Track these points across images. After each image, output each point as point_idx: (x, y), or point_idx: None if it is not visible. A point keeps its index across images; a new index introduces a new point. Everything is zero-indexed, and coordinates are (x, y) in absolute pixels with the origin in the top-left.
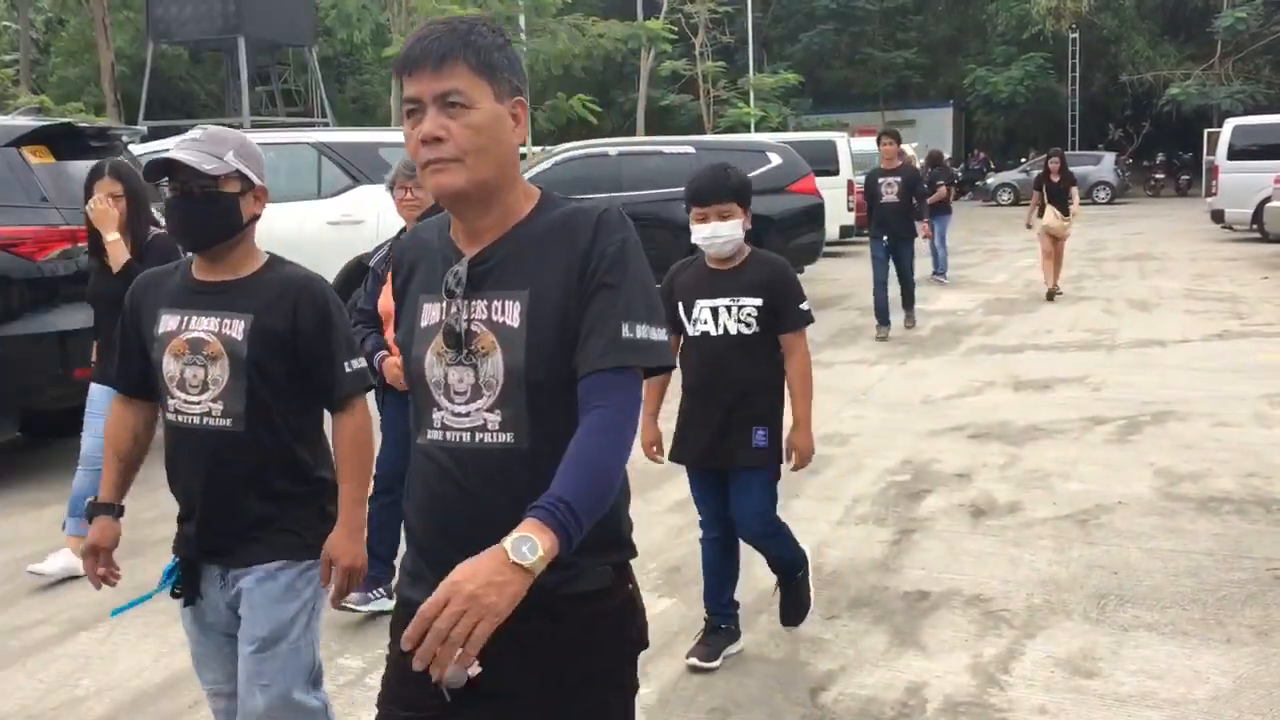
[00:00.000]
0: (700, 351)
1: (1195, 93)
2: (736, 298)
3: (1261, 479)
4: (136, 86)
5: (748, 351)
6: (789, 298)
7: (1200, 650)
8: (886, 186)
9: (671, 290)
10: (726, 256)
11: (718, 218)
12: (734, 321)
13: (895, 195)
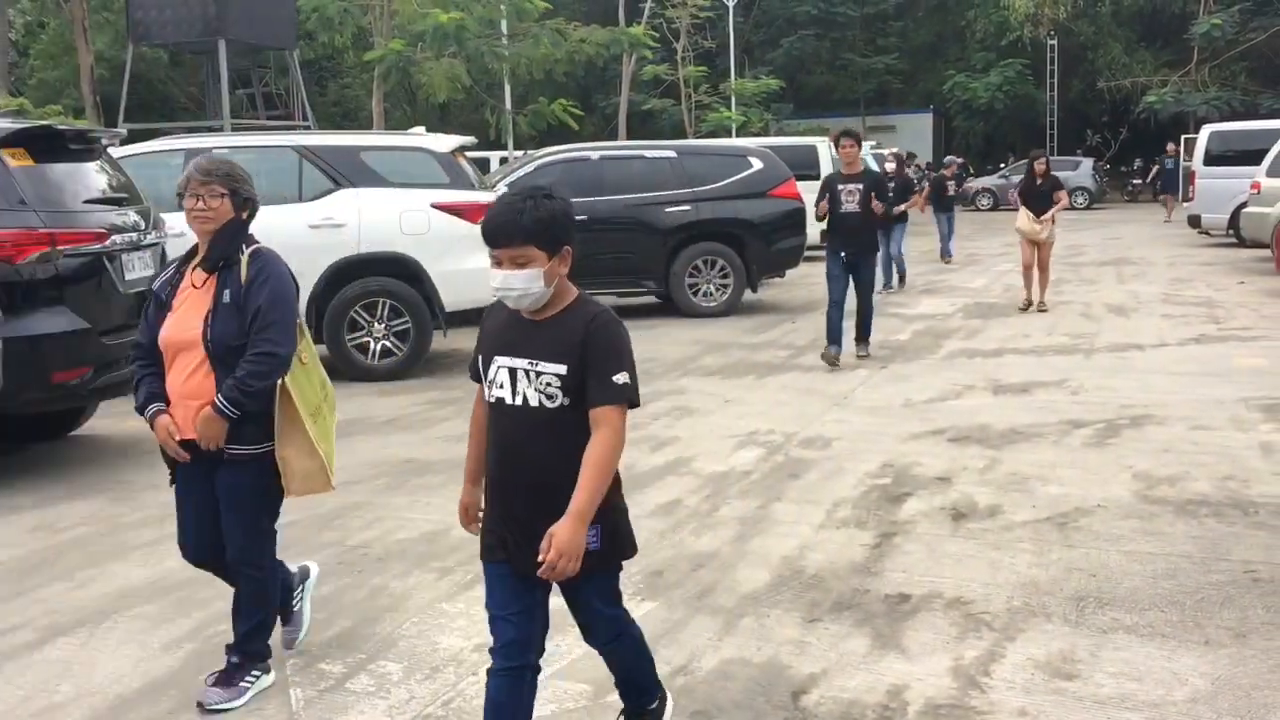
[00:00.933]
0: (498, 426)
1: (1172, 99)
2: (535, 360)
3: (1238, 482)
4: (116, 89)
5: (555, 433)
6: (603, 366)
7: (1179, 652)
8: (847, 194)
9: (480, 335)
10: (530, 308)
11: (510, 264)
12: (534, 390)
13: (856, 204)
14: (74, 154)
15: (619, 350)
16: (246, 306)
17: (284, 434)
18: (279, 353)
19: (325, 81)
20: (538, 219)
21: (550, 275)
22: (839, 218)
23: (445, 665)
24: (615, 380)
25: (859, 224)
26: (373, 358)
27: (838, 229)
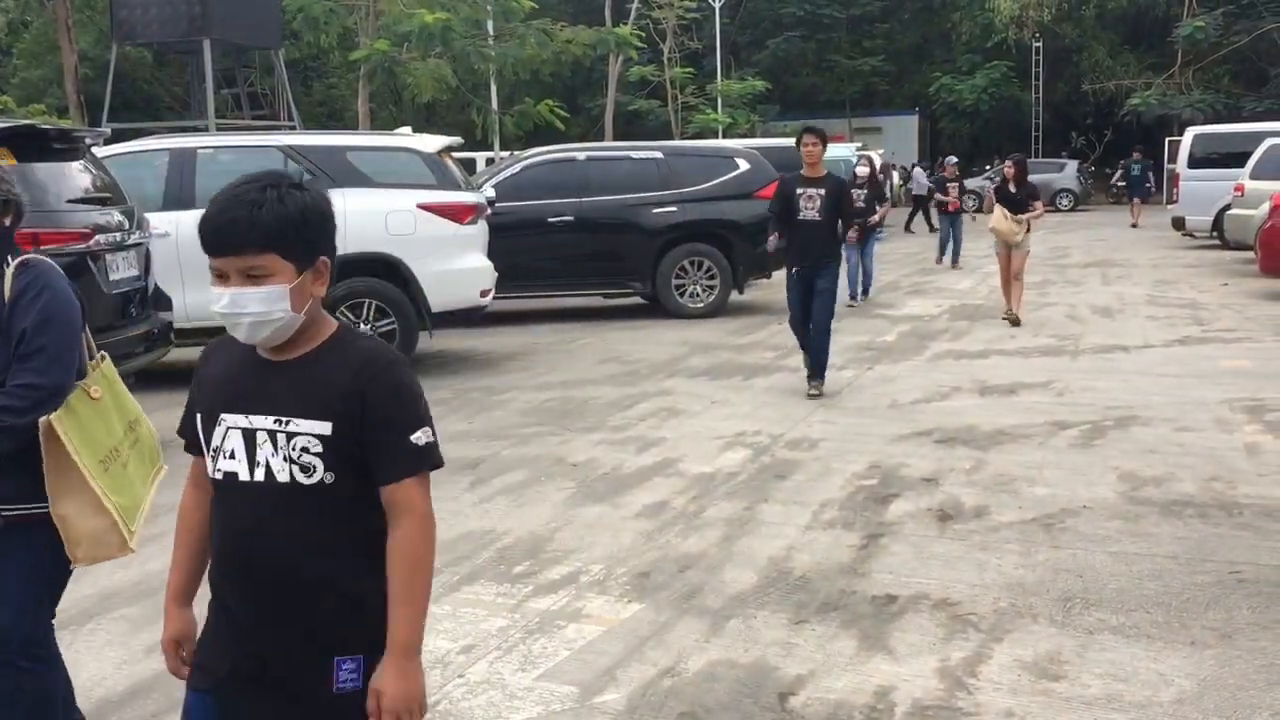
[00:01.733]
0: (228, 512)
1: (1156, 102)
2: (284, 417)
3: (1223, 483)
4: (100, 88)
5: (315, 521)
6: (392, 425)
7: (1165, 653)
8: (806, 200)
9: (196, 384)
10: (272, 342)
11: (241, 279)
12: (281, 460)
13: (817, 211)
14: (58, 153)
15: (411, 399)
16: (11, 329)
17: (57, 487)
18: (42, 384)
19: (310, 81)
20: (282, 216)
21: (300, 295)
22: (796, 227)
23: (431, 667)
24: (413, 442)
25: (819, 235)
26: None
27: (794, 239)
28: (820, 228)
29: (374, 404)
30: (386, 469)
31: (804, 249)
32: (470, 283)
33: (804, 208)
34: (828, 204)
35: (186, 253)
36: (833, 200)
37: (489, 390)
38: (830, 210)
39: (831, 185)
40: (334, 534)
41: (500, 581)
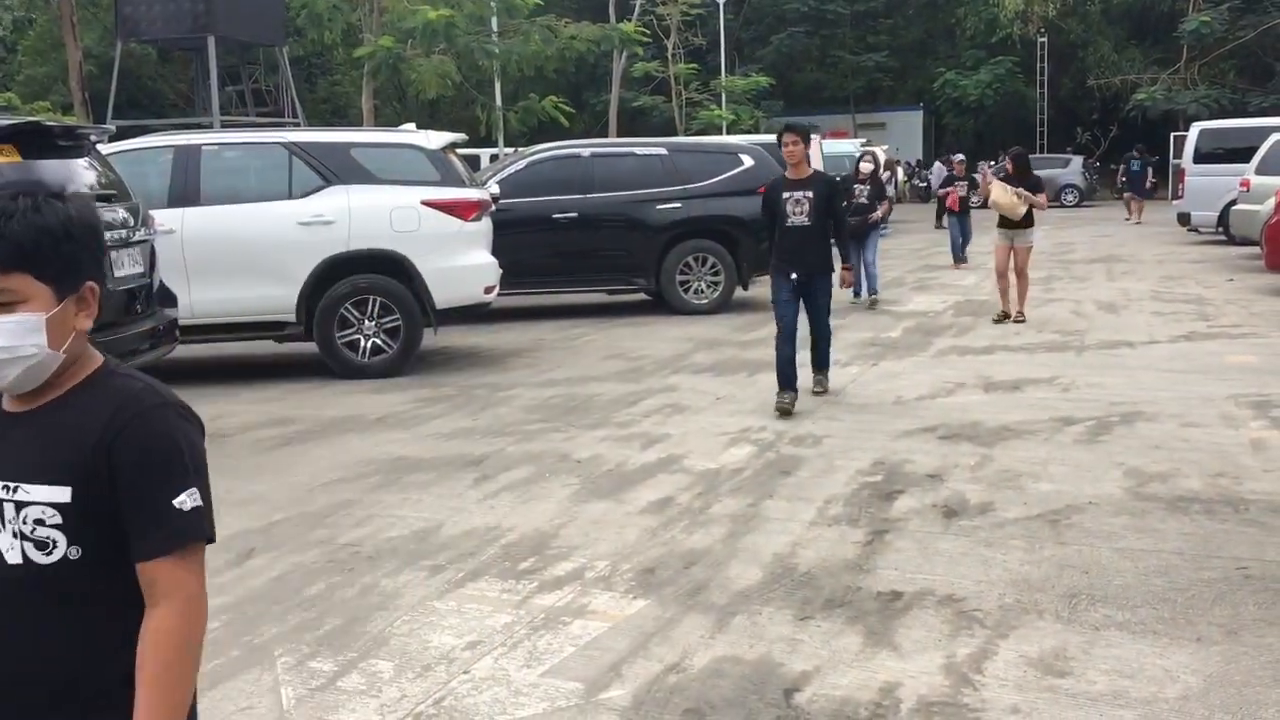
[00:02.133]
0: None
1: (1161, 97)
2: (13, 481)
3: (1229, 479)
4: (105, 85)
5: (56, 612)
6: (149, 487)
7: (1171, 649)
8: (794, 204)
9: None
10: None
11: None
12: (10, 535)
13: (807, 215)
14: (62, 150)
15: (169, 454)
16: None
17: None
18: None
19: (315, 78)
20: (38, 228)
21: (61, 328)
22: (786, 233)
23: (437, 663)
24: (176, 507)
25: (811, 239)
26: (363, 355)
27: (784, 245)
28: (811, 233)
29: (123, 462)
30: (139, 542)
31: (796, 256)
32: (475, 279)
33: (792, 212)
34: (818, 206)
35: (191, 249)
36: (823, 202)
37: (493, 387)
38: (821, 213)
39: (820, 186)
40: (83, 628)
41: (505, 578)
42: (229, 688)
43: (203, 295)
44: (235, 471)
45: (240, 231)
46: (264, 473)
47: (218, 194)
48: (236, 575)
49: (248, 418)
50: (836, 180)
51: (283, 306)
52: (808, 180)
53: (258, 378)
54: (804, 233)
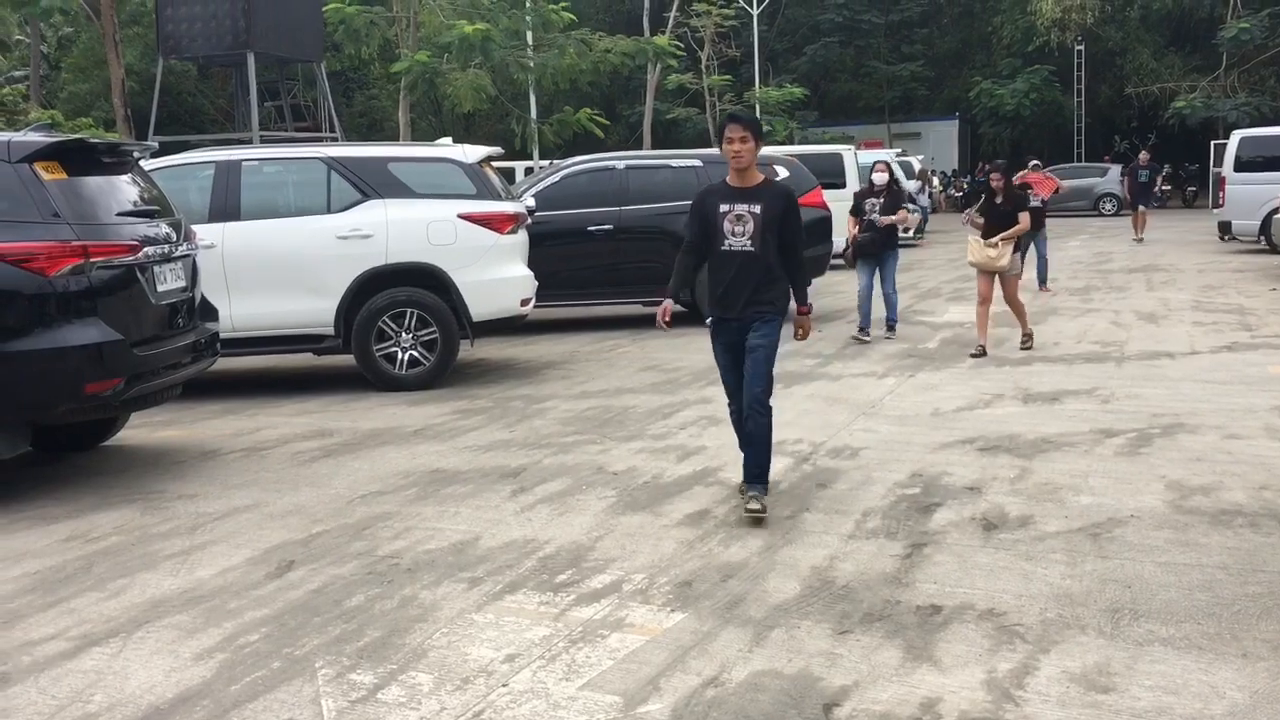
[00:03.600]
0: None
1: (1201, 105)
2: None
3: (1273, 492)
4: (146, 101)
5: None
6: None
7: (1216, 665)
8: (733, 221)
9: None
10: None
11: None
12: None
13: (749, 237)
14: (106, 167)
15: None
16: None
17: None
18: None
19: (352, 93)
20: None
21: None
22: (721, 260)
23: (475, 676)
24: None
25: (752, 272)
26: (400, 368)
27: (716, 278)
28: (754, 262)
29: None
30: None
31: (729, 293)
32: (511, 292)
33: (730, 232)
34: (766, 226)
35: (232, 264)
36: (773, 221)
37: (529, 399)
38: (770, 234)
39: (773, 199)
40: None
41: (543, 590)
42: (270, 699)
43: (243, 309)
44: (275, 484)
45: (280, 246)
46: (303, 485)
47: (258, 209)
48: (277, 587)
49: (287, 430)
50: (791, 192)
51: (321, 319)
52: (756, 190)
53: (296, 390)
54: (744, 261)
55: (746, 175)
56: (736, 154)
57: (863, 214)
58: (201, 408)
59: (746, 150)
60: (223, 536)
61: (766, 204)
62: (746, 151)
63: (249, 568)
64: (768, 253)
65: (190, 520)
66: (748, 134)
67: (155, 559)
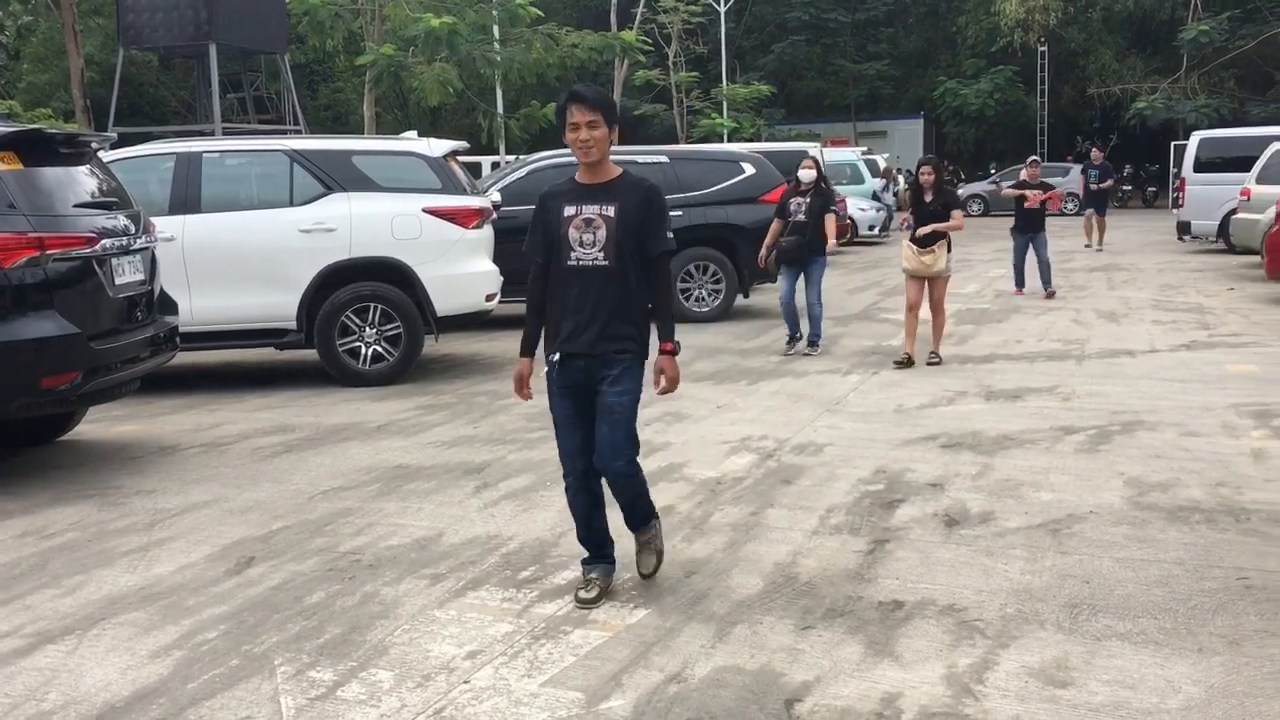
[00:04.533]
0: None
1: (1161, 106)
2: None
3: (1230, 489)
4: (106, 92)
5: None
6: None
7: (1172, 660)
8: (579, 228)
9: None
10: None
11: None
12: None
13: (600, 248)
14: (64, 158)
15: None
16: None
17: None
18: None
19: (316, 85)
20: None
21: None
22: (566, 278)
23: (437, 673)
24: None
25: (607, 292)
26: (364, 363)
27: (562, 302)
28: (608, 280)
29: None
30: None
31: (575, 321)
32: (476, 287)
33: (577, 242)
34: (623, 232)
35: (192, 257)
36: (631, 226)
37: (494, 395)
38: (629, 244)
39: (631, 199)
40: None
41: (506, 587)
42: (228, 697)
43: (203, 302)
44: (235, 479)
45: (241, 239)
46: (264, 480)
47: (219, 201)
48: (236, 584)
49: (248, 425)
50: (655, 188)
51: (283, 314)
52: (609, 188)
53: (258, 386)
54: (595, 280)
55: (598, 170)
56: (583, 143)
57: (787, 215)
58: (161, 402)
59: (596, 139)
60: (181, 533)
61: (623, 205)
62: (596, 140)
63: (208, 564)
64: (626, 268)
65: (148, 516)
66: (597, 117)
67: (112, 555)
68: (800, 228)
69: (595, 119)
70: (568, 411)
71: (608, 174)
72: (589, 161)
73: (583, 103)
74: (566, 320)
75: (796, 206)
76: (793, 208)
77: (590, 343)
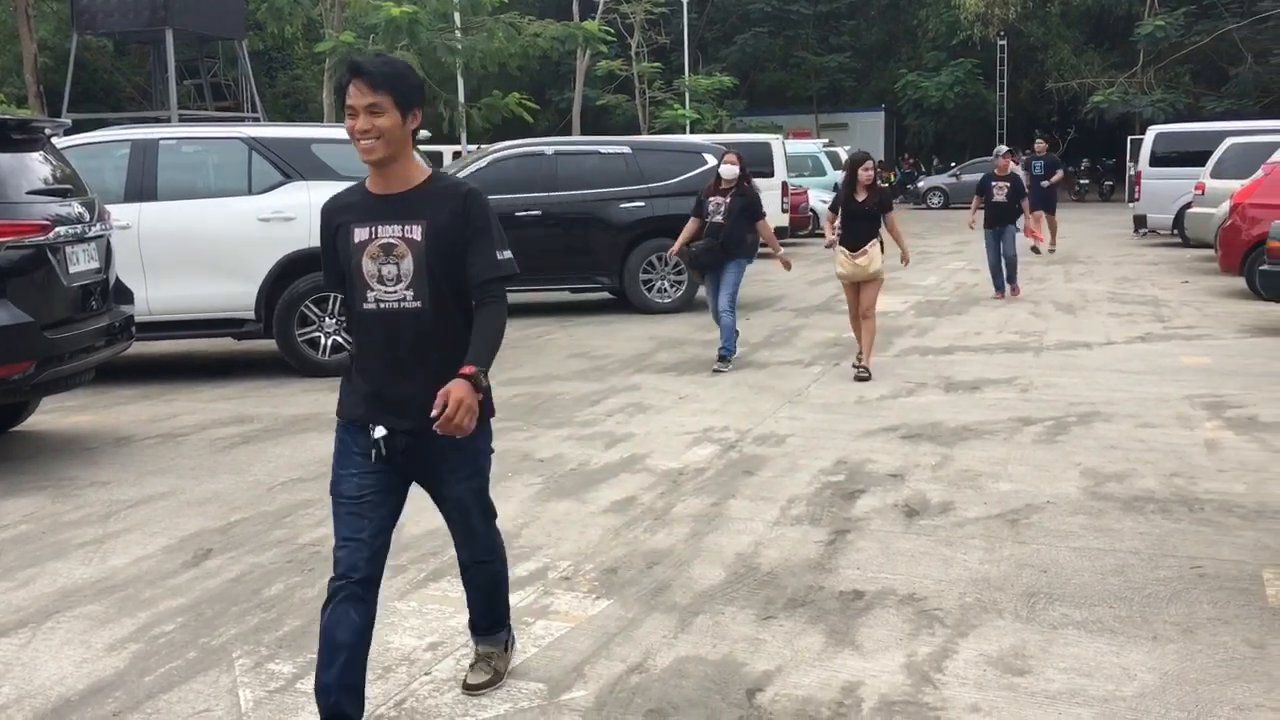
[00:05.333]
0: None
1: (1118, 100)
2: None
3: (1184, 479)
4: (60, 78)
5: None
6: None
7: (1128, 647)
8: (378, 256)
9: None
10: None
11: None
12: None
13: (408, 286)
14: (16, 144)
15: None
16: None
17: None
18: None
19: (275, 73)
20: None
21: None
22: (365, 324)
23: (397, 665)
24: None
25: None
26: (323, 353)
27: (365, 354)
28: (423, 327)
29: None
30: None
31: (384, 382)
32: None
33: (374, 277)
34: (432, 258)
35: (148, 245)
36: (442, 246)
37: None
38: (443, 274)
39: (441, 210)
40: None
41: None
42: (186, 690)
43: (160, 292)
44: (192, 471)
45: (198, 227)
46: (222, 472)
47: (175, 189)
48: (193, 576)
49: (205, 416)
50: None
51: (242, 303)
52: (413, 199)
53: (216, 376)
54: (405, 328)
55: (392, 173)
56: (362, 135)
57: (705, 215)
58: (116, 393)
59: (382, 129)
60: (137, 524)
61: (433, 221)
62: (382, 131)
63: (164, 556)
64: (447, 306)
65: (103, 508)
66: (382, 99)
67: (66, 547)
68: (715, 230)
69: (378, 102)
70: (360, 488)
71: (408, 179)
72: (373, 161)
73: (361, 78)
74: (369, 380)
75: (715, 206)
76: (711, 207)
77: (396, 404)
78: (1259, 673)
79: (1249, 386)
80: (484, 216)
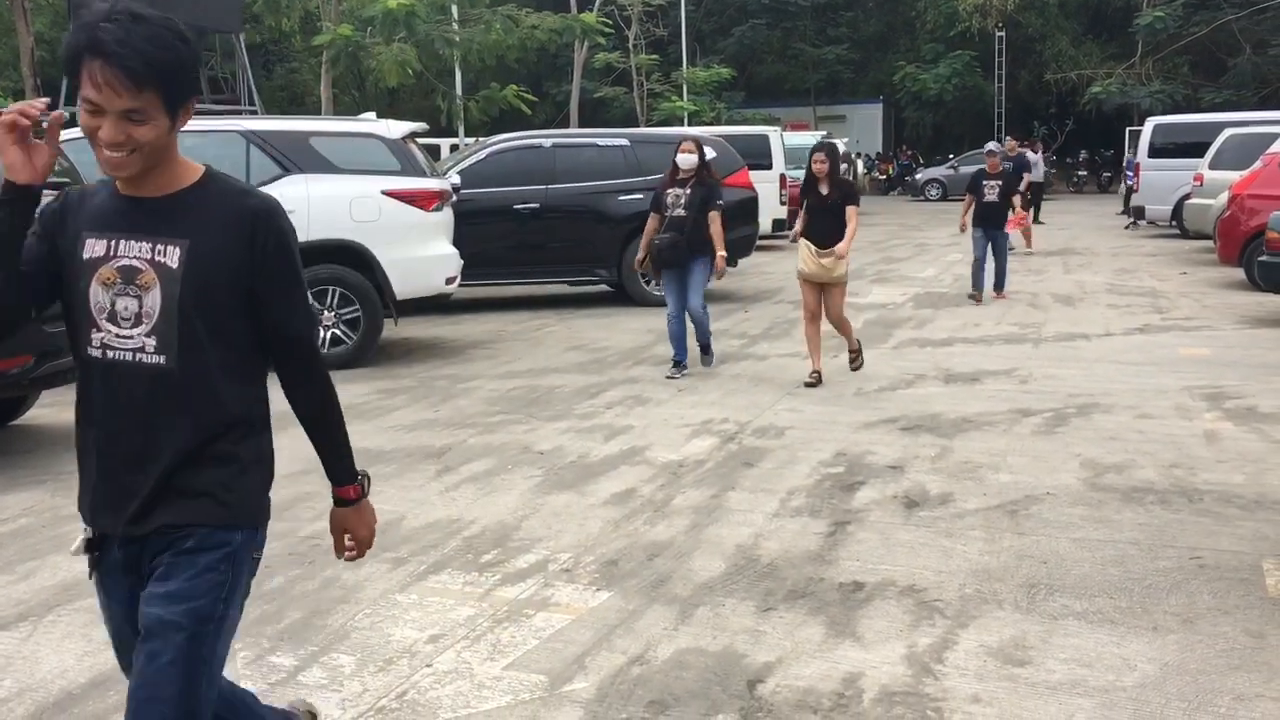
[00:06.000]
0: None
1: (1116, 91)
2: None
3: (1184, 470)
4: (57, 72)
5: None
6: None
7: (1128, 638)
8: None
9: None
10: None
11: None
12: None
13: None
14: None
15: None
16: None
17: None
18: None
19: (272, 66)
20: None
21: None
22: (93, 379)
23: (399, 657)
24: None
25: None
26: (323, 346)
27: (87, 424)
28: (168, 391)
29: None
30: None
31: (105, 469)
32: (435, 270)
33: (103, 314)
34: (198, 295)
35: None
36: (218, 283)
37: (454, 378)
38: (210, 317)
39: (214, 225)
40: None
41: (468, 570)
42: None
43: None
44: None
45: None
46: None
47: None
48: None
49: None
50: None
51: None
52: (173, 205)
53: None
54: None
55: (148, 177)
56: (112, 146)
57: (664, 209)
58: None
59: (146, 141)
60: None
61: (200, 241)
62: (141, 144)
63: None
64: (200, 367)
65: None
66: (147, 102)
67: (66, 541)
68: (678, 223)
69: (140, 108)
70: (120, 617)
71: (173, 179)
72: (119, 167)
73: (115, 66)
74: (91, 468)
75: (674, 199)
76: (669, 200)
77: (136, 513)
78: (1259, 662)
79: (1248, 377)
80: (284, 246)
